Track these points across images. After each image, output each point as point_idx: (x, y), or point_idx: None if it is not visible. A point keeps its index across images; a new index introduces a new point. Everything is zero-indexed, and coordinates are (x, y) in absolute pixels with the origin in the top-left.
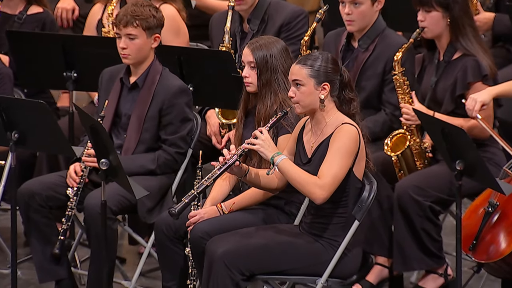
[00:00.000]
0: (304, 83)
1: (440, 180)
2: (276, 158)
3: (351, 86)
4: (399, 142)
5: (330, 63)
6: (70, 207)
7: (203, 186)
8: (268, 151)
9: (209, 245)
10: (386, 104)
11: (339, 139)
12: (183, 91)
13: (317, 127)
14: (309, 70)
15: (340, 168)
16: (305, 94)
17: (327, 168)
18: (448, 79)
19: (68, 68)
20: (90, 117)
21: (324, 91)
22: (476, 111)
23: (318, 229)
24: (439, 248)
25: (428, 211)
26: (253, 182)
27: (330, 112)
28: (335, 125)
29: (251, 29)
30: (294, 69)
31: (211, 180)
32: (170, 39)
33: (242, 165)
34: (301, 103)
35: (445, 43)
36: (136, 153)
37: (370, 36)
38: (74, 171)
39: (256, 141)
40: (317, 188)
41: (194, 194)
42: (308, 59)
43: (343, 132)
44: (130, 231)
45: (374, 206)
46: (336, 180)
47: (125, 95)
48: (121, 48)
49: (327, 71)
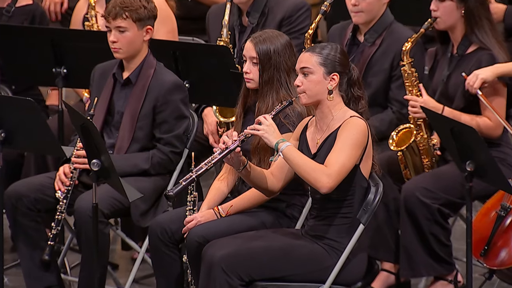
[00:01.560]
0: (313, 71)
1: (449, 182)
2: (281, 144)
3: (360, 84)
4: (405, 137)
5: (340, 53)
6: (60, 210)
7: (202, 170)
8: (272, 137)
9: (206, 249)
10: (393, 101)
11: (348, 130)
12: (178, 87)
13: (323, 122)
14: (319, 58)
15: (348, 158)
16: (313, 83)
17: (335, 157)
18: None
19: (58, 63)
20: (80, 115)
21: (333, 81)
22: (475, 88)
23: (321, 231)
24: (448, 254)
25: (436, 214)
26: (251, 178)
27: (337, 106)
28: (342, 119)
29: (250, 22)
30: (304, 56)
31: (211, 164)
32: (156, 28)
33: (241, 156)
34: (308, 92)
35: (459, 35)
36: (129, 153)
37: (377, 30)
38: (64, 173)
39: (260, 127)
40: (324, 175)
41: (192, 177)
42: (319, 48)
43: (352, 124)
44: (123, 235)
45: (380, 209)
46: (343, 170)
47: (118, 92)
48: (112, 42)
49: (339, 62)
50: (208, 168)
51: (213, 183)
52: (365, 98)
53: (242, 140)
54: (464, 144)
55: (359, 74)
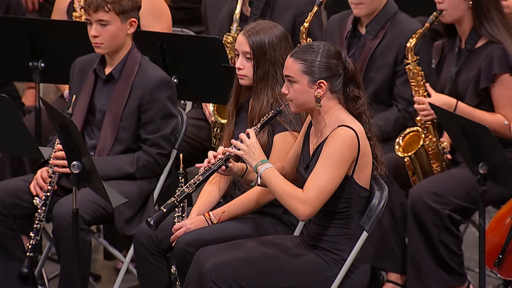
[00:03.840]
0: (297, 80)
1: (460, 185)
2: (260, 167)
3: (356, 82)
4: (412, 141)
5: (331, 57)
6: (39, 219)
7: (184, 194)
8: (252, 159)
9: (196, 258)
10: (398, 99)
11: (331, 146)
12: (165, 83)
13: (317, 127)
14: (302, 66)
15: (328, 179)
16: (298, 92)
17: (313, 180)
18: (470, 70)
19: (35, 57)
20: (60, 113)
21: (320, 89)
22: None
23: (321, 241)
24: (459, 263)
25: (446, 221)
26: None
27: (330, 111)
28: (333, 127)
29: (252, 13)
30: (287, 62)
31: (193, 188)
32: (149, 23)
33: (234, 166)
34: (295, 101)
35: (467, 28)
36: (112, 154)
37: (379, 21)
38: (41, 177)
39: (241, 145)
40: (299, 203)
41: (173, 202)
42: (303, 52)
43: (336, 137)
44: (106, 244)
45: (385, 215)
46: (323, 194)
47: (99, 89)
48: (93, 36)
49: (325, 67)
50: (190, 192)
51: (203, 187)
52: (363, 97)
53: (226, 159)
54: (477, 144)
55: (355, 70)
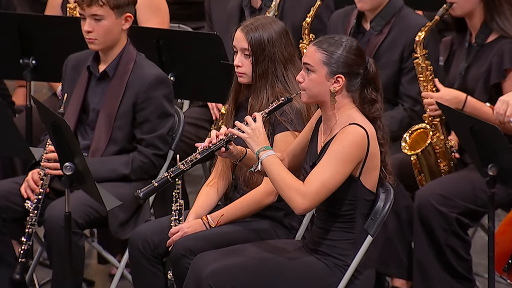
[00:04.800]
0: (315, 70)
1: (468, 188)
2: (262, 153)
3: (376, 84)
4: (419, 139)
5: (353, 53)
6: (31, 223)
7: (179, 171)
8: (255, 144)
9: (194, 264)
10: (404, 97)
11: (339, 142)
12: (161, 81)
13: (327, 124)
14: (324, 56)
15: (331, 176)
16: (314, 83)
17: (316, 174)
18: (481, 65)
19: (26, 54)
20: (51, 112)
21: (337, 84)
22: (509, 116)
23: (323, 246)
24: (468, 269)
25: (454, 225)
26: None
27: (343, 109)
28: (343, 125)
29: (265, 5)
30: (309, 50)
31: (189, 166)
32: (146, 18)
33: (235, 149)
34: (308, 91)
35: (477, 22)
36: (106, 155)
37: (384, 17)
38: (33, 179)
39: (246, 128)
40: (298, 195)
41: (166, 177)
42: (328, 43)
43: (345, 134)
44: (100, 248)
45: (391, 218)
46: (324, 190)
47: (93, 87)
48: (86, 32)
49: (346, 62)
50: (185, 169)
51: (201, 189)
52: (380, 102)
53: (228, 141)
54: (486, 144)
55: (376, 73)
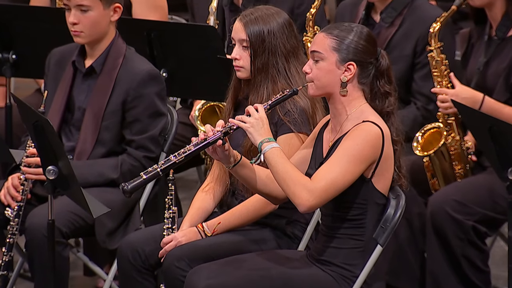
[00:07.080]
0: (324, 57)
1: (486, 193)
2: (266, 144)
3: (389, 76)
4: (433, 139)
5: (364, 39)
6: (11, 232)
7: (170, 163)
8: (258, 134)
9: (188, 278)
10: (417, 95)
11: (352, 139)
12: (153, 77)
13: (336, 120)
14: (333, 42)
15: (342, 174)
16: (323, 71)
17: (325, 170)
18: (501, 60)
19: (5, 48)
20: (33, 111)
21: (348, 72)
22: None
23: (329, 255)
24: (486, 281)
25: (471, 233)
26: (246, 178)
27: (354, 103)
28: (357, 121)
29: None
30: (317, 37)
31: (182, 158)
32: (144, 13)
33: (230, 150)
34: (316, 82)
35: (498, 14)
36: (93, 158)
37: (395, 8)
38: (12, 185)
39: (248, 118)
40: (305, 190)
41: (156, 170)
42: (337, 29)
43: (359, 131)
44: (86, 259)
45: (402, 226)
46: (333, 188)
47: (78, 84)
48: (71, 24)
49: (357, 48)
50: (177, 161)
51: (196, 195)
52: (394, 95)
53: (226, 132)
54: (506, 146)
55: (389, 64)
